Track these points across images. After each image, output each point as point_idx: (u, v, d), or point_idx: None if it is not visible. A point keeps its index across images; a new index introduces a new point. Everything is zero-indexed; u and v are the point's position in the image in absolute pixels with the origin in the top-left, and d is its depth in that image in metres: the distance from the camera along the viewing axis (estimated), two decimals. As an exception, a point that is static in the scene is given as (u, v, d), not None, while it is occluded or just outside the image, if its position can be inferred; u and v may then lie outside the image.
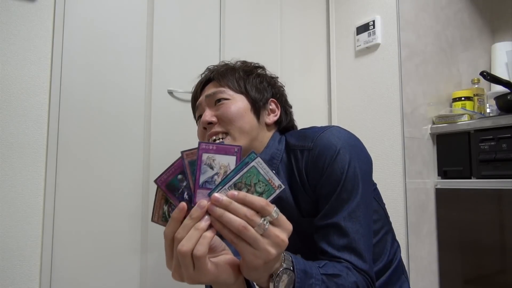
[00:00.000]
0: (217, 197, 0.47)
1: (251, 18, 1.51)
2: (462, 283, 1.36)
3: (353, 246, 0.66)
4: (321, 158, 0.71)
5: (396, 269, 0.82)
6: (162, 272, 1.22)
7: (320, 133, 0.74)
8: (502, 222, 1.26)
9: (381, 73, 1.50)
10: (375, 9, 1.54)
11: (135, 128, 1.23)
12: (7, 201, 1.01)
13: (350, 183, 0.69)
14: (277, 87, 0.89)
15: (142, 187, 1.22)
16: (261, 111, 0.82)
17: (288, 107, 0.90)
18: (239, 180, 0.48)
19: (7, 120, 1.03)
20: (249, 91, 0.81)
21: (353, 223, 0.67)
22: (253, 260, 0.48)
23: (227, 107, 0.78)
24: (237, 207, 0.46)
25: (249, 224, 0.46)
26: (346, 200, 0.68)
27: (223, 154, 0.49)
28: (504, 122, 1.29)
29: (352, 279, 0.62)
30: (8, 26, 1.04)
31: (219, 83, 0.82)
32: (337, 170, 0.69)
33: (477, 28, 1.81)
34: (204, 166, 0.49)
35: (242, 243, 0.47)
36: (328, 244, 0.67)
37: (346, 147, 0.71)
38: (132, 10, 1.25)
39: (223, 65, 0.86)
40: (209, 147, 0.49)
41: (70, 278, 1.09)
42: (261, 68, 0.89)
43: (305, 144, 0.75)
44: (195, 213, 0.47)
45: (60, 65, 1.11)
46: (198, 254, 0.46)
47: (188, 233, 0.46)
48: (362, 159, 0.73)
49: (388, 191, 1.42)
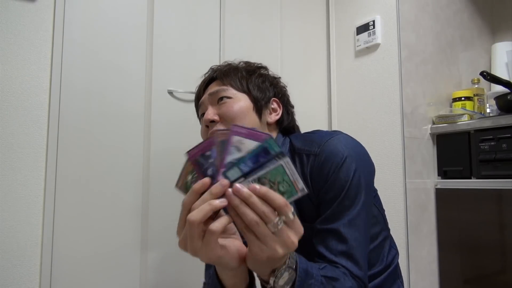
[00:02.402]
0: (238, 187, 0.47)
1: (251, 18, 1.51)
2: (462, 283, 1.36)
3: (351, 252, 0.67)
4: (327, 164, 0.71)
5: (391, 274, 0.82)
6: (162, 271, 1.22)
7: (327, 139, 0.74)
8: (502, 222, 1.26)
9: (381, 73, 1.50)
10: (375, 9, 1.54)
11: (135, 128, 1.23)
12: (7, 201, 1.01)
13: (353, 191, 0.70)
14: (279, 87, 0.90)
15: (142, 187, 1.22)
16: (263, 110, 0.83)
17: (290, 107, 0.91)
18: (264, 176, 0.49)
19: (7, 120, 1.03)
20: (251, 90, 0.82)
21: (352, 230, 0.68)
22: (258, 253, 0.49)
23: (230, 106, 0.79)
24: (256, 203, 0.47)
25: (264, 220, 0.47)
26: (347, 207, 0.69)
27: (252, 139, 0.50)
28: (504, 122, 1.29)
29: (348, 284, 0.63)
30: (8, 26, 1.04)
31: (222, 82, 0.83)
32: (342, 178, 0.70)
33: (477, 28, 1.81)
34: (232, 147, 0.50)
35: (252, 236, 0.48)
36: (326, 249, 0.68)
37: (352, 155, 0.72)
38: (132, 10, 1.25)
39: (226, 65, 0.87)
40: (241, 130, 0.50)
41: (70, 278, 1.09)
42: (263, 68, 0.90)
43: (311, 148, 0.75)
44: (215, 189, 0.48)
45: (60, 65, 1.11)
46: (213, 229, 0.47)
47: (202, 206, 0.48)
48: (366, 169, 0.74)
49: (388, 191, 1.42)
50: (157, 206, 1.24)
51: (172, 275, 1.24)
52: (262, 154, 0.49)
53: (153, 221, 1.23)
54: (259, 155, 0.49)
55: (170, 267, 1.24)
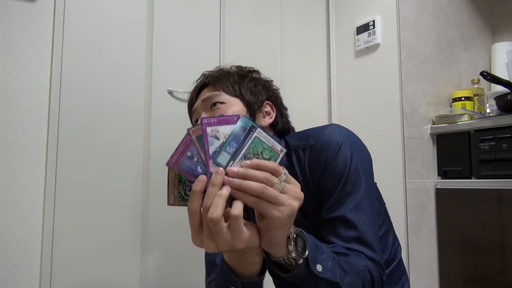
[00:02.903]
0: (233, 170, 0.50)
1: (251, 18, 1.51)
2: (462, 283, 1.36)
3: (362, 236, 0.67)
4: (323, 153, 0.72)
5: (397, 269, 0.82)
6: (162, 271, 1.22)
7: (321, 131, 0.75)
8: (502, 222, 1.26)
9: (381, 73, 1.50)
10: (375, 9, 1.54)
11: (135, 128, 1.23)
12: (7, 201, 1.01)
13: (353, 176, 0.70)
14: (272, 90, 0.90)
15: (142, 187, 1.22)
16: (256, 114, 0.83)
17: (284, 109, 0.91)
18: (247, 152, 0.52)
19: (7, 120, 1.03)
20: (244, 94, 0.82)
21: (359, 214, 0.68)
22: (278, 216, 0.50)
23: (223, 111, 0.79)
24: (255, 173, 0.50)
25: (268, 184, 0.50)
26: (350, 193, 0.69)
27: (225, 125, 0.53)
28: (504, 122, 1.29)
29: (362, 263, 0.64)
30: (8, 26, 1.04)
31: (214, 88, 0.83)
32: (340, 164, 0.71)
33: (477, 28, 1.81)
34: (210, 138, 0.53)
35: (265, 204, 0.50)
36: (336, 237, 0.68)
37: (347, 142, 0.73)
38: (132, 10, 1.25)
39: (218, 70, 0.87)
40: (211, 120, 0.53)
41: (70, 278, 1.09)
42: (255, 72, 0.90)
43: (306, 142, 0.76)
44: (215, 180, 0.49)
45: (60, 65, 1.11)
46: (237, 213, 0.48)
47: (213, 201, 0.48)
48: (363, 154, 0.75)
49: (388, 191, 1.42)
50: (157, 206, 1.23)
51: (172, 275, 1.24)
52: (240, 132, 0.52)
53: (153, 221, 1.23)
54: (239, 133, 0.52)
55: (170, 267, 1.24)
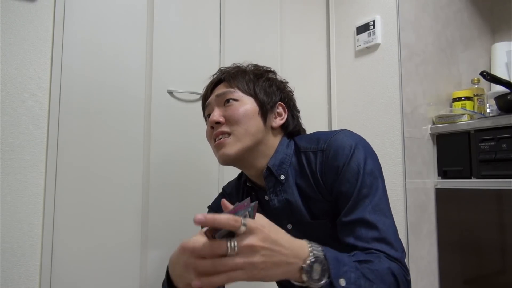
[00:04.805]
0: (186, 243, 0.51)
1: (251, 18, 1.51)
2: (462, 283, 1.36)
3: (383, 236, 0.67)
4: (336, 157, 0.74)
5: None
6: (162, 271, 1.22)
7: (333, 135, 0.77)
8: (502, 222, 1.26)
9: (381, 73, 1.50)
10: (375, 9, 1.54)
11: (135, 128, 1.23)
12: (7, 201, 1.01)
13: (368, 178, 0.72)
14: (286, 92, 0.90)
15: (142, 186, 1.22)
16: (268, 114, 0.83)
17: (296, 111, 0.92)
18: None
19: (7, 120, 1.03)
20: (258, 93, 0.83)
21: (378, 215, 0.69)
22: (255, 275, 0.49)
23: (235, 109, 0.80)
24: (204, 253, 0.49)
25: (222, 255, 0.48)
26: (367, 195, 0.71)
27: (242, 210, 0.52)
28: (504, 122, 1.29)
29: (385, 265, 0.63)
30: (8, 26, 1.04)
31: (229, 84, 0.84)
32: (354, 167, 0.72)
33: (477, 28, 1.80)
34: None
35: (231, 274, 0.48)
36: (356, 239, 0.68)
37: (359, 146, 0.74)
38: (132, 10, 1.25)
39: (235, 67, 0.88)
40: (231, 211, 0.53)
41: (70, 278, 1.09)
42: (272, 72, 0.91)
43: (317, 146, 0.78)
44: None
45: (60, 65, 1.11)
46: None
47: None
48: (375, 157, 0.77)
49: (388, 191, 1.39)
50: (157, 205, 1.24)
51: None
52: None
53: (153, 221, 1.23)
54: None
55: (170, 267, 1.24)
